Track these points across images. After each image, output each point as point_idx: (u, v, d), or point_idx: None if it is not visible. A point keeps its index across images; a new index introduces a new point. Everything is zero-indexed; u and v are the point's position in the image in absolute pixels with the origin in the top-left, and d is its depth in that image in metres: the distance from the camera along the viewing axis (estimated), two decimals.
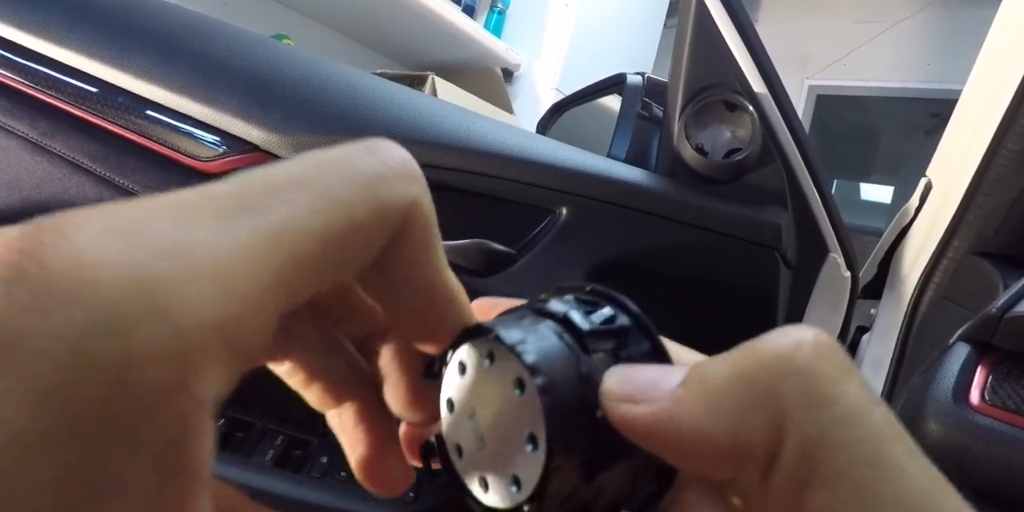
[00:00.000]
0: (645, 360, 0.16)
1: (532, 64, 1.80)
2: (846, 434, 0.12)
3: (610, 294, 0.17)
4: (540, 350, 0.15)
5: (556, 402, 0.14)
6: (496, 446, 0.15)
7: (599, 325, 0.16)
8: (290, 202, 0.11)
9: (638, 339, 0.16)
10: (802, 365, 0.13)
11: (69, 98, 0.43)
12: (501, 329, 0.15)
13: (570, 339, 0.15)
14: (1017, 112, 0.54)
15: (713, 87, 0.54)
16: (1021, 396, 0.41)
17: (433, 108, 0.50)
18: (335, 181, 0.12)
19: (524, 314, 0.16)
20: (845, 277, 0.59)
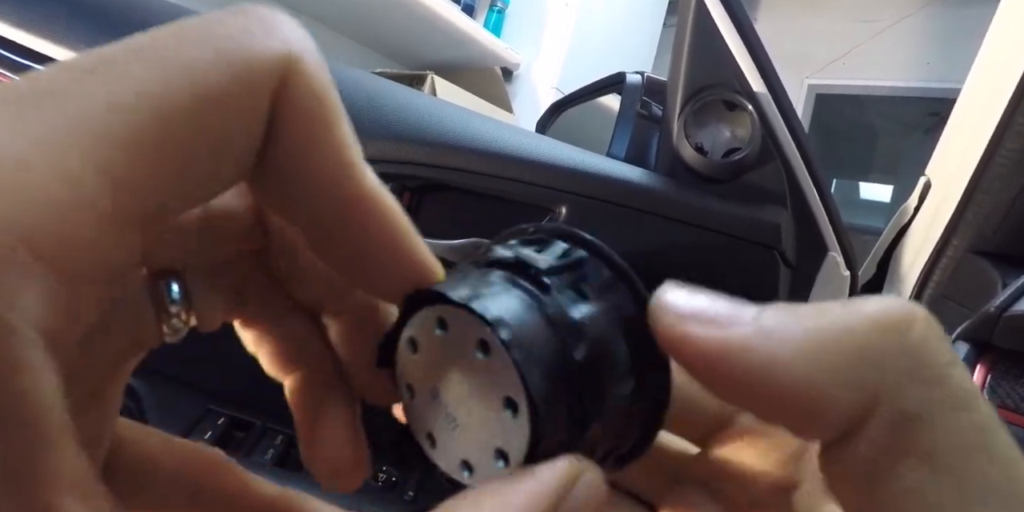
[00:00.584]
0: (615, 287, 0.15)
1: (531, 63, 1.80)
2: (954, 417, 0.11)
3: (558, 228, 0.15)
4: (496, 301, 0.13)
5: (528, 353, 0.12)
6: (470, 422, 0.14)
7: (553, 261, 0.14)
8: (113, 77, 0.09)
9: (598, 268, 0.15)
10: (915, 339, 0.12)
11: None
12: (446, 289, 0.13)
13: (525, 283, 0.14)
14: (1016, 111, 0.55)
15: (712, 86, 0.54)
16: (1020, 394, 0.41)
17: (432, 107, 0.50)
18: (174, 45, 0.10)
19: (467, 269, 0.15)
20: (844, 276, 0.59)
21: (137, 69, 0.09)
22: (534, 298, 0.13)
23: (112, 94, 0.09)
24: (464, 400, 0.14)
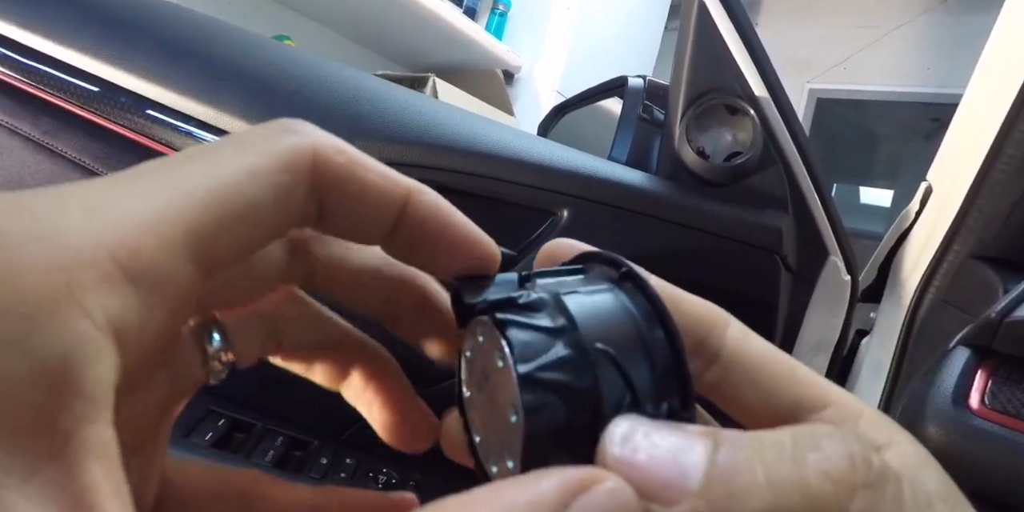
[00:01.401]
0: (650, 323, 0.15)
1: (533, 66, 1.80)
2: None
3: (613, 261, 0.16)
4: (518, 315, 0.14)
5: (529, 365, 0.13)
6: (496, 422, 0.15)
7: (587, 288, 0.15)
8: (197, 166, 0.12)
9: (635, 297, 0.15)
10: None
11: (72, 98, 0.43)
12: (484, 301, 0.15)
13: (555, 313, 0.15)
14: (1017, 117, 0.55)
15: (714, 91, 0.54)
16: (1021, 400, 0.41)
17: (435, 110, 0.50)
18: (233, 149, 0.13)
19: (524, 286, 0.16)
20: (845, 281, 0.59)
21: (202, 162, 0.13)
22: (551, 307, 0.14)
23: (190, 175, 0.12)
24: (493, 401, 0.15)
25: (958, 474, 0.40)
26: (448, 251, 0.16)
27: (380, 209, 0.15)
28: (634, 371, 0.14)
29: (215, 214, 0.12)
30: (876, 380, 0.65)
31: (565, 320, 0.14)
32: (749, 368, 0.17)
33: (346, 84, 0.48)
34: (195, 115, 0.44)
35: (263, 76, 0.46)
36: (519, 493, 0.11)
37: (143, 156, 0.44)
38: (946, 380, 0.43)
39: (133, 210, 0.11)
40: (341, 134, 0.50)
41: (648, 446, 0.13)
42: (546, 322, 0.14)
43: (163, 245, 0.11)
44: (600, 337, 0.14)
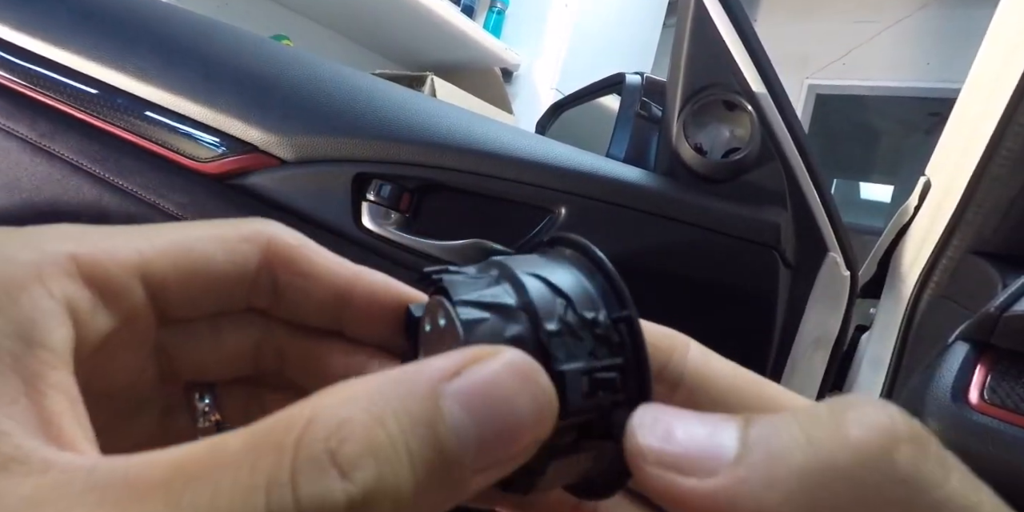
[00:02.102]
0: None
1: (531, 64, 1.80)
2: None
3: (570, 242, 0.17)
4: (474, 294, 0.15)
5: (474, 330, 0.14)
6: None
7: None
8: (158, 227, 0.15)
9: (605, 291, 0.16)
10: (905, 470, 0.11)
11: (69, 99, 0.43)
12: (449, 286, 0.15)
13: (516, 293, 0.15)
14: (1016, 111, 0.54)
15: (712, 86, 0.54)
16: (1020, 395, 0.41)
17: (432, 108, 0.50)
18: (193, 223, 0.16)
19: (480, 275, 0.16)
20: (844, 276, 0.59)
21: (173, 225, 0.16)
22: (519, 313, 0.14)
23: (167, 231, 0.16)
24: None
25: None
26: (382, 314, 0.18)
27: (328, 288, 0.17)
28: (564, 284, 0.15)
29: (171, 259, 0.15)
30: (876, 375, 0.65)
31: (498, 270, 0.16)
32: (714, 391, 0.17)
33: (343, 83, 0.48)
34: (192, 116, 0.44)
35: (260, 76, 0.46)
36: (414, 367, 0.12)
37: (140, 157, 0.43)
38: (945, 375, 0.43)
39: (101, 239, 0.14)
40: (339, 133, 0.50)
41: (681, 425, 0.13)
42: (480, 272, 0.16)
43: (116, 263, 0.14)
44: (529, 270, 0.15)
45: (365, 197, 0.46)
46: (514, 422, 0.12)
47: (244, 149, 0.44)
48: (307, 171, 0.45)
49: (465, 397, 0.11)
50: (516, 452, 0.12)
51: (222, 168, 0.44)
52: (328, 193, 0.45)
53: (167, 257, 0.15)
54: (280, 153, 0.45)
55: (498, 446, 0.11)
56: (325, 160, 0.45)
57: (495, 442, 0.11)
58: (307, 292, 0.17)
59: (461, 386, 0.11)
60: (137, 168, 0.43)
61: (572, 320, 0.14)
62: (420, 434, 0.11)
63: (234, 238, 0.16)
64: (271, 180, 0.45)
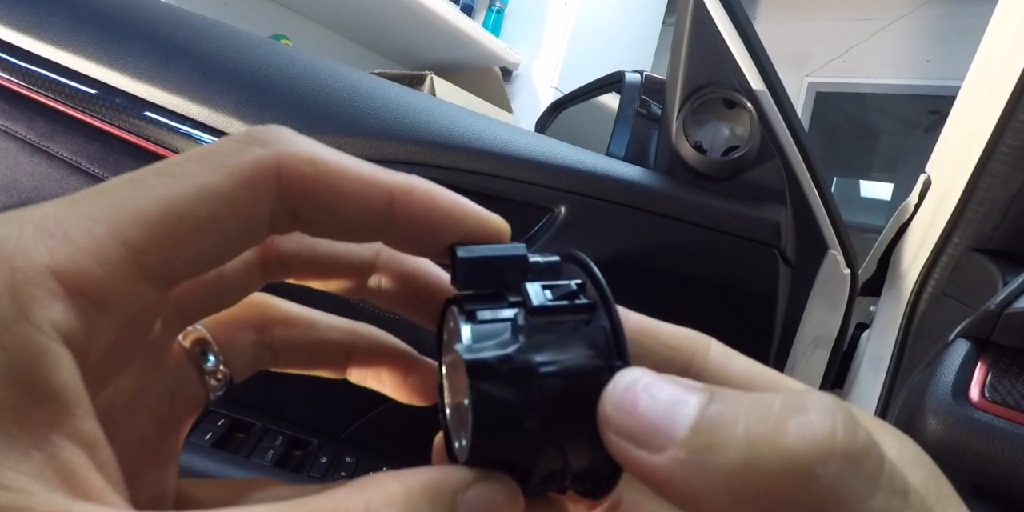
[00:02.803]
0: None
1: (531, 63, 1.80)
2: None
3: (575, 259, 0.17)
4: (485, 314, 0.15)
5: (480, 358, 0.14)
6: (459, 407, 0.15)
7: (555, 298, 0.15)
8: (141, 186, 0.13)
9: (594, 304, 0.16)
10: (826, 484, 0.12)
11: (67, 100, 0.43)
12: (463, 298, 0.15)
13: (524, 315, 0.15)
14: (1015, 108, 0.54)
15: (711, 84, 0.54)
16: (1021, 392, 0.40)
17: (432, 107, 0.50)
18: (185, 165, 0.13)
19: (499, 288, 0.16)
20: (844, 274, 0.59)
21: (157, 182, 0.13)
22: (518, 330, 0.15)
23: (139, 196, 0.12)
24: (457, 386, 0.15)
25: (958, 466, 0.39)
26: (455, 238, 0.16)
27: (361, 214, 0.15)
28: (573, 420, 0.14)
29: (165, 235, 0.12)
30: (876, 373, 0.65)
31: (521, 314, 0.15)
32: None
33: (343, 82, 0.48)
34: (191, 115, 0.44)
35: (259, 76, 0.46)
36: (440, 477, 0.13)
37: (140, 157, 0.43)
38: (946, 373, 0.43)
39: (80, 234, 0.12)
40: (338, 132, 0.50)
41: (647, 397, 0.13)
42: (506, 314, 0.15)
43: (104, 265, 0.12)
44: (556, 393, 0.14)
45: None
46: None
47: None
48: None
49: (472, 507, 0.13)
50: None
51: None
52: None
53: (161, 235, 0.12)
54: None
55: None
56: None
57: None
58: (334, 221, 0.15)
59: (471, 498, 0.13)
60: (136, 168, 0.43)
61: None
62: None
63: (233, 187, 0.13)
64: None
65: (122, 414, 0.16)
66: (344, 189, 0.14)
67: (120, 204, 0.12)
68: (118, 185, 0.13)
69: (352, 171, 0.15)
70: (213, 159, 0.13)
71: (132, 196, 0.12)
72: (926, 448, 0.14)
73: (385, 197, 0.15)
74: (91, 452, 0.11)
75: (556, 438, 0.14)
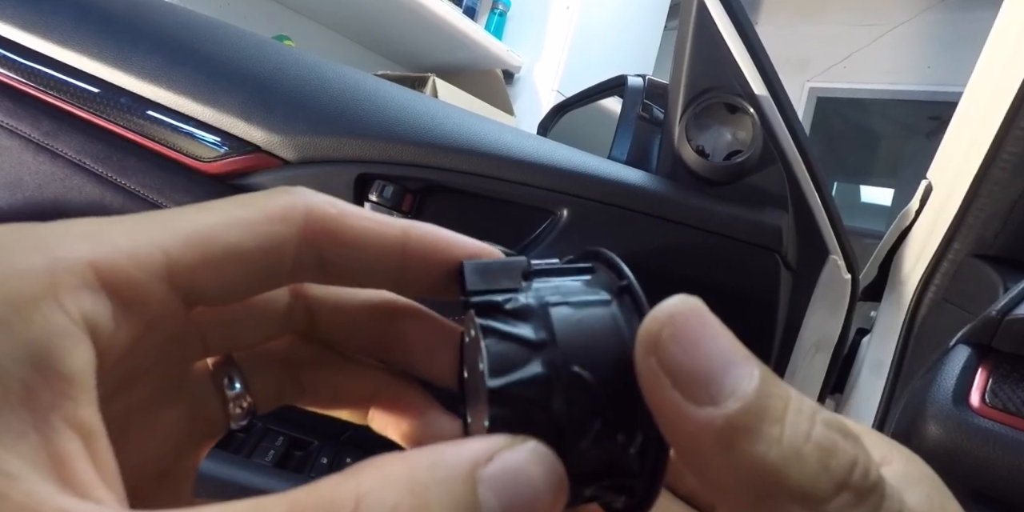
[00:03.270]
0: None
1: (533, 66, 1.80)
2: None
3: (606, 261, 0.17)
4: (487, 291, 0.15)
5: (499, 346, 0.14)
6: (477, 406, 0.15)
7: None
8: (188, 217, 0.14)
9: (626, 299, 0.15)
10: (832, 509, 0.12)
11: (72, 99, 0.43)
12: (476, 297, 0.15)
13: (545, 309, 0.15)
14: (1017, 115, 0.55)
15: (714, 89, 0.54)
16: (1021, 398, 0.41)
17: (434, 109, 0.50)
18: (219, 201, 0.15)
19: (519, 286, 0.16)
20: (845, 279, 0.59)
21: (193, 211, 0.14)
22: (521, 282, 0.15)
23: (178, 219, 0.14)
24: (476, 396, 0.15)
25: (959, 472, 0.39)
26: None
27: (379, 252, 0.16)
28: (608, 398, 0.14)
29: (197, 251, 0.13)
30: (876, 379, 0.65)
31: (547, 334, 0.14)
32: None
33: (346, 84, 0.48)
34: (195, 115, 0.44)
35: (263, 76, 0.46)
36: (453, 451, 0.12)
37: (143, 157, 0.44)
38: (946, 378, 0.43)
39: (121, 238, 0.13)
40: (342, 133, 0.50)
41: (710, 338, 0.12)
42: (527, 333, 0.14)
43: (139, 267, 0.12)
44: (579, 359, 0.14)
45: (367, 198, 0.46)
46: (536, 506, 0.12)
47: (247, 149, 0.45)
48: (310, 172, 0.45)
49: (497, 483, 0.12)
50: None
51: (225, 168, 0.44)
52: (331, 194, 0.45)
53: (192, 252, 0.13)
54: (283, 153, 0.45)
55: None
56: (328, 161, 0.45)
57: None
58: (356, 260, 0.16)
59: (494, 473, 0.12)
60: (140, 167, 0.43)
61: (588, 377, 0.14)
62: None
63: (263, 221, 0.14)
64: (274, 180, 0.45)
65: (137, 428, 0.16)
66: (363, 227, 0.16)
67: (160, 222, 0.13)
68: (160, 212, 0.14)
69: (369, 213, 0.16)
70: (247, 200, 0.15)
71: (172, 218, 0.14)
72: (927, 453, 0.14)
73: (400, 234, 0.16)
74: (87, 440, 0.11)
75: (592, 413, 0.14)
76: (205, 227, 0.14)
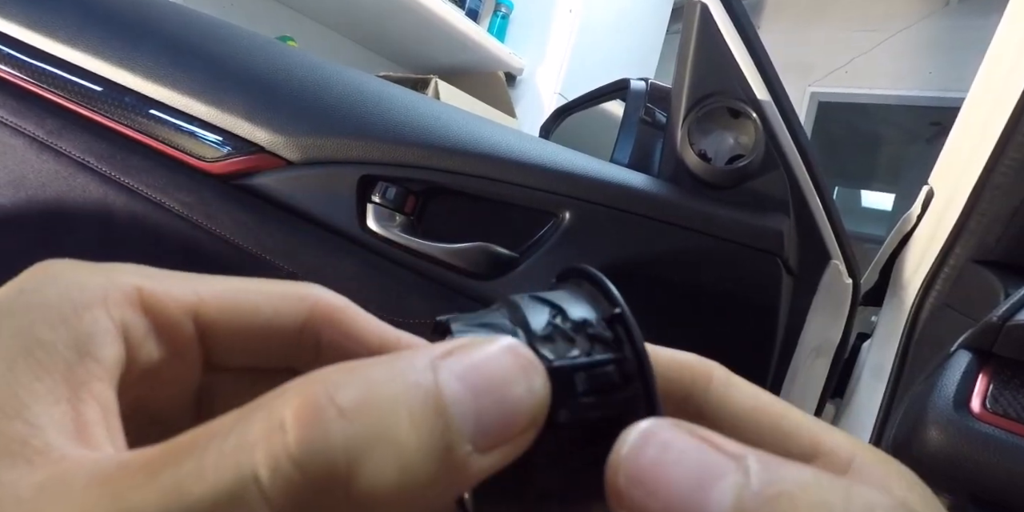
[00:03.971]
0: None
1: (535, 68, 1.80)
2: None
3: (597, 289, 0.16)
4: None
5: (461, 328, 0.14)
6: None
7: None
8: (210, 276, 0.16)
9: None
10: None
11: (77, 97, 0.43)
12: (455, 327, 0.15)
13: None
14: (1019, 121, 0.55)
15: (717, 94, 0.55)
16: (1022, 404, 0.41)
17: (438, 111, 0.50)
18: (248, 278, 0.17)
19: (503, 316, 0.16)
20: (847, 284, 0.59)
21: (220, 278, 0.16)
22: None
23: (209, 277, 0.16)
24: None
25: (959, 477, 0.39)
26: None
27: (371, 348, 0.17)
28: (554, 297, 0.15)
29: (223, 302, 0.16)
30: (877, 384, 0.65)
31: (500, 302, 0.15)
32: (732, 424, 0.16)
33: (350, 85, 0.48)
34: (199, 115, 0.44)
35: (267, 76, 0.46)
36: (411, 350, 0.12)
37: (147, 156, 0.44)
38: (947, 384, 0.43)
39: (165, 278, 0.15)
40: (346, 134, 0.50)
41: (671, 460, 0.12)
42: (496, 320, 0.15)
43: (174, 300, 0.15)
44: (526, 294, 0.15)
45: (370, 199, 0.46)
46: (511, 399, 0.12)
47: (250, 149, 0.45)
48: (313, 172, 0.45)
49: (462, 372, 0.11)
50: (514, 433, 0.12)
51: (228, 168, 0.44)
52: (333, 194, 0.45)
53: (219, 301, 0.16)
54: (286, 154, 0.45)
55: (495, 423, 0.11)
56: (331, 162, 0.45)
57: (493, 418, 0.11)
58: (350, 353, 0.17)
59: (458, 362, 0.12)
60: (143, 167, 0.43)
61: (563, 325, 0.14)
62: (419, 397, 0.11)
63: (281, 294, 0.16)
64: (277, 181, 0.45)
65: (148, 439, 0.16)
66: (362, 321, 0.17)
67: (199, 276, 0.16)
68: (199, 274, 0.16)
69: (369, 317, 0.18)
70: (273, 281, 0.17)
71: (209, 277, 0.16)
72: (927, 458, 0.14)
73: (394, 338, 0.17)
74: (105, 413, 0.13)
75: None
76: (232, 286, 0.16)
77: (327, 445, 0.10)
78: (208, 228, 0.43)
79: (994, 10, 0.66)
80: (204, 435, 0.11)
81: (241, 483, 0.10)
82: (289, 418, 0.10)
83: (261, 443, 0.10)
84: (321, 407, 0.10)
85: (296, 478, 0.10)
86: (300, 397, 0.10)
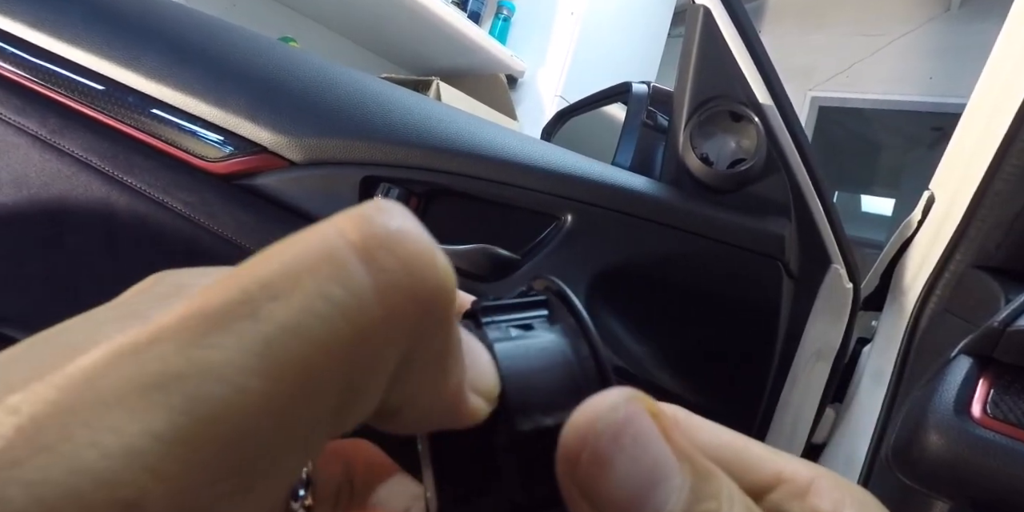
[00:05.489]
0: None
1: (536, 71, 1.81)
2: None
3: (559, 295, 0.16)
4: None
5: None
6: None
7: None
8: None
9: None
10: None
11: (80, 97, 0.43)
12: None
13: None
14: (1020, 127, 0.55)
15: (719, 97, 0.55)
16: (1023, 409, 0.41)
17: (440, 113, 0.50)
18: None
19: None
20: (847, 288, 0.59)
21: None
22: None
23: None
24: None
25: (959, 482, 0.39)
26: None
27: (399, 499, 0.18)
28: None
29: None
30: (877, 388, 0.65)
31: None
32: None
33: (353, 86, 0.48)
34: (202, 116, 0.44)
35: (270, 77, 0.46)
36: None
37: (150, 156, 0.44)
38: (948, 389, 0.43)
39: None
40: (348, 135, 0.50)
41: (631, 444, 0.12)
42: None
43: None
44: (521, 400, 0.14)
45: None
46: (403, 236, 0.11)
47: (253, 150, 0.45)
48: (315, 173, 0.45)
49: (348, 221, 0.11)
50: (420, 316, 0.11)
51: (231, 168, 0.44)
52: (336, 195, 0.45)
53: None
54: (289, 154, 0.45)
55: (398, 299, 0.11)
56: (333, 162, 0.45)
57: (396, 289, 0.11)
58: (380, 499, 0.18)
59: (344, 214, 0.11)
60: (146, 166, 0.43)
61: None
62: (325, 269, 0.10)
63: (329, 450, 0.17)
64: (279, 181, 0.45)
65: None
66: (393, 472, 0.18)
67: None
68: None
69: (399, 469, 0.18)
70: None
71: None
72: (927, 463, 0.14)
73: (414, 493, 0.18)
74: None
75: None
76: None
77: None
78: (210, 228, 0.43)
79: (996, 15, 0.66)
80: None
81: None
82: None
83: None
84: None
85: None
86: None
